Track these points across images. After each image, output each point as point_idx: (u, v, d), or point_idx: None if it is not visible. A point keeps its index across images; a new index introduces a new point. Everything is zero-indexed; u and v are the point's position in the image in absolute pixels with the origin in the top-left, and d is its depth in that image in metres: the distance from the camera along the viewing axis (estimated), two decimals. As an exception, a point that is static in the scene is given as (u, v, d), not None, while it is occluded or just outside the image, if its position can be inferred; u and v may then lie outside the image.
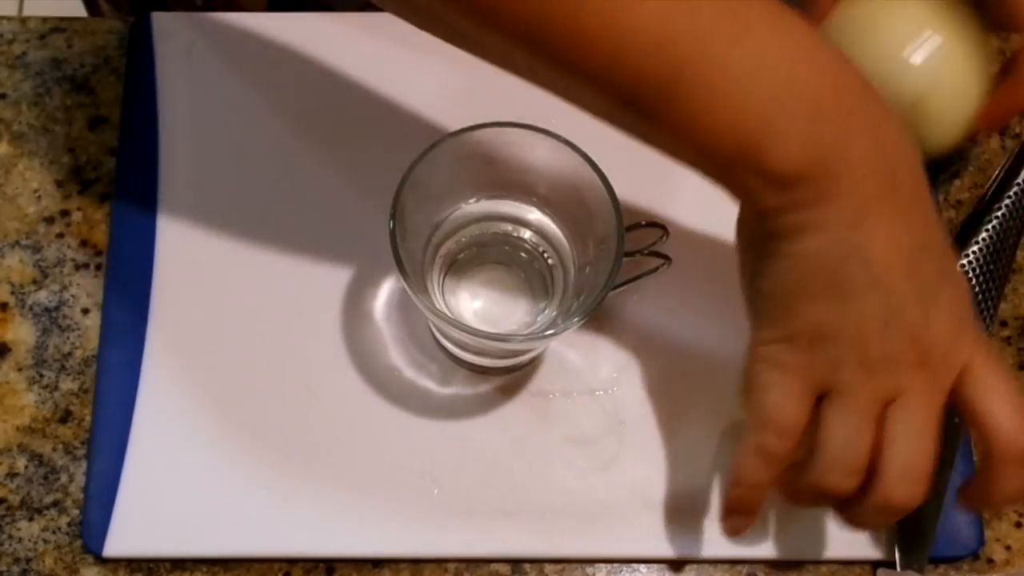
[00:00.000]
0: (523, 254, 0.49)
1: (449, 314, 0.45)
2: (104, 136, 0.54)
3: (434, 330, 0.50)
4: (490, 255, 0.49)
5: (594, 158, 0.43)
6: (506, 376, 0.50)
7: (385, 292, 0.51)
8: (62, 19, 0.57)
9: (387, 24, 0.56)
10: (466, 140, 0.43)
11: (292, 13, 0.56)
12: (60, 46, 0.56)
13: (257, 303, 0.51)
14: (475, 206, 0.47)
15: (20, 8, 1.37)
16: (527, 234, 0.48)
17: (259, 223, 0.52)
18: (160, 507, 0.48)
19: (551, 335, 0.43)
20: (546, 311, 0.48)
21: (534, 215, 0.47)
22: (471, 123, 0.43)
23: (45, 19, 0.57)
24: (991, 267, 0.52)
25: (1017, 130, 0.56)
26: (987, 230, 0.52)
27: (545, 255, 0.48)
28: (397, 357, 0.50)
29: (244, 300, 0.51)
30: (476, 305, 0.49)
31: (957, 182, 0.55)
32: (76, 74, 0.55)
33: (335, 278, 0.51)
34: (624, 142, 0.43)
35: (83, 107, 0.55)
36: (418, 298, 0.42)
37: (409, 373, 0.50)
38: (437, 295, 0.47)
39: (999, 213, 0.52)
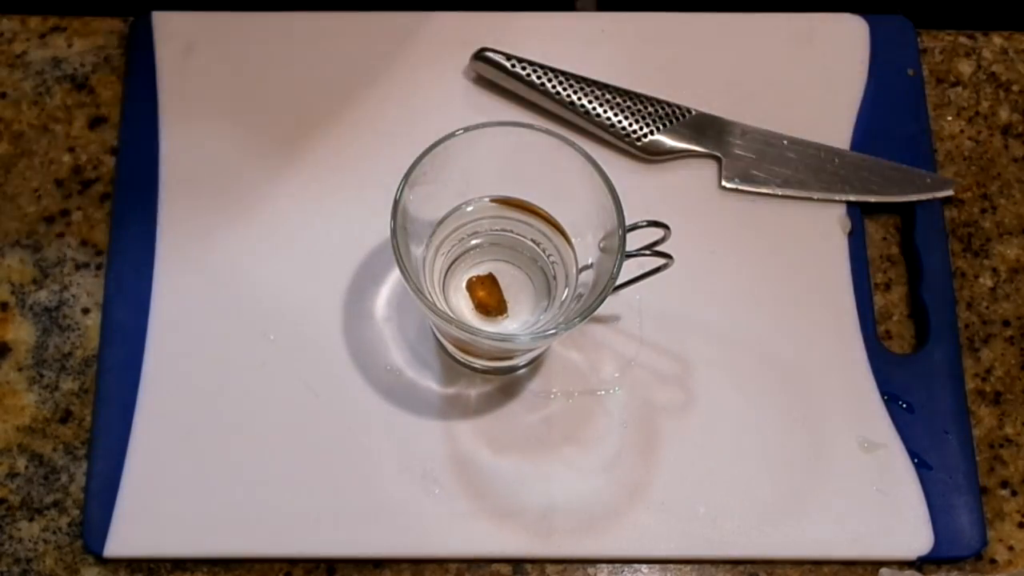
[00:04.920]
0: (524, 253, 0.49)
1: (450, 314, 0.45)
2: (104, 135, 0.54)
3: (435, 331, 0.50)
4: (491, 255, 0.49)
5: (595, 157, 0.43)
6: (507, 376, 0.50)
7: (385, 292, 0.51)
8: (62, 18, 0.57)
9: (388, 23, 0.56)
10: (467, 140, 0.43)
11: (292, 12, 0.56)
12: (60, 45, 0.56)
13: (257, 302, 0.51)
14: (476, 205, 0.47)
15: (21, 7, 1.36)
16: (529, 233, 0.48)
17: (259, 223, 0.52)
18: (160, 507, 0.48)
19: (552, 335, 0.43)
20: (547, 311, 0.48)
21: (535, 214, 0.47)
22: (472, 123, 0.43)
23: (45, 18, 0.56)
24: None
25: (1020, 129, 0.56)
26: None
27: (547, 254, 0.48)
28: (397, 357, 0.50)
29: (244, 299, 0.51)
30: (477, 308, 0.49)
31: (960, 181, 0.55)
32: (76, 73, 0.55)
33: (336, 278, 0.51)
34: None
35: (83, 106, 0.55)
36: (419, 298, 0.42)
37: (410, 373, 0.50)
38: (438, 295, 0.47)
39: None
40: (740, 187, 0.53)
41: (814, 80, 0.56)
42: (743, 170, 0.53)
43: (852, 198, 0.53)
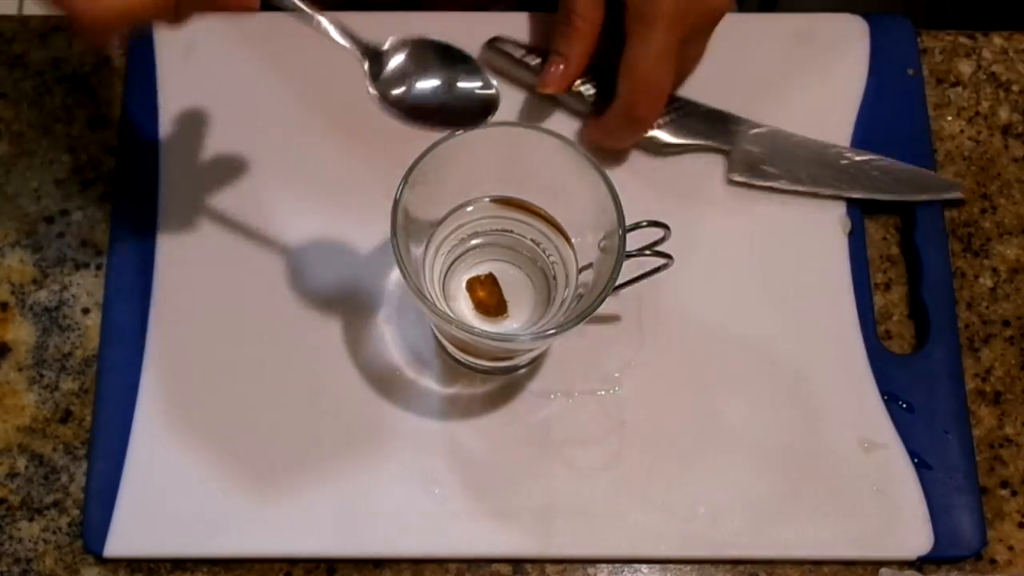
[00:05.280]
0: (525, 254, 0.49)
1: (450, 314, 0.45)
2: (104, 136, 0.54)
3: (435, 331, 0.50)
4: (491, 255, 0.49)
5: (595, 158, 0.43)
6: (507, 376, 0.50)
7: (385, 292, 0.51)
8: (62, 18, 0.56)
9: (388, 24, 0.56)
10: (467, 139, 0.43)
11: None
12: (60, 45, 0.56)
13: (257, 303, 0.51)
14: (476, 205, 0.47)
15: (20, 7, 1.36)
16: (529, 233, 0.48)
17: (259, 222, 0.52)
18: (160, 507, 0.48)
19: (552, 335, 0.43)
20: (548, 311, 0.48)
21: (535, 214, 0.47)
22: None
23: (46, 18, 0.56)
24: None
25: (1020, 129, 0.56)
26: None
27: (547, 254, 0.48)
28: (398, 357, 0.50)
29: (244, 300, 0.51)
30: (477, 309, 0.49)
31: (960, 181, 0.55)
32: (76, 73, 0.55)
33: (336, 278, 0.51)
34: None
35: (83, 106, 0.55)
36: (419, 298, 0.42)
37: (410, 373, 0.50)
38: (438, 295, 0.47)
39: None
40: (749, 181, 0.53)
41: (814, 80, 0.56)
42: (751, 164, 0.53)
43: (859, 195, 0.53)
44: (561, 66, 0.51)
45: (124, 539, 0.47)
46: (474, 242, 0.49)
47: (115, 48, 0.41)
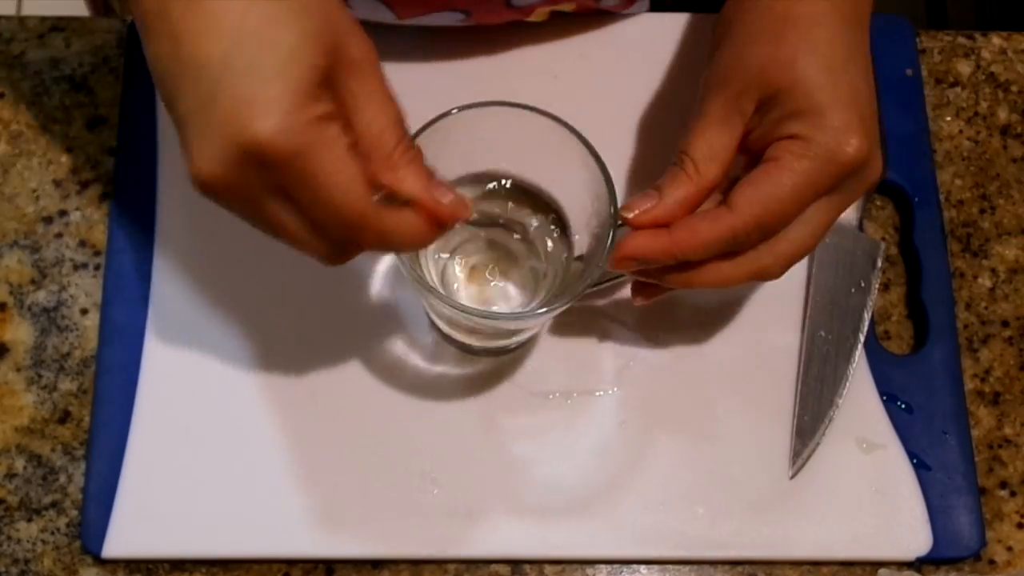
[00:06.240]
0: (519, 237, 0.49)
1: (441, 291, 0.44)
2: (103, 136, 0.54)
3: (427, 310, 0.50)
4: (486, 236, 0.49)
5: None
6: (506, 377, 0.50)
7: (384, 293, 0.51)
8: (61, 19, 0.56)
9: (388, 21, 0.56)
10: (463, 119, 0.43)
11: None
12: (59, 46, 0.56)
13: (255, 303, 0.51)
14: (471, 186, 0.47)
15: (19, 8, 1.36)
16: (523, 215, 0.48)
17: (258, 223, 0.52)
18: (159, 508, 0.48)
19: (540, 314, 0.42)
20: (539, 291, 0.48)
21: (530, 196, 0.47)
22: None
23: (44, 19, 0.56)
24: None
25: (1019, 129, 0.56)
26: None
27: (542, 237, 0.48)
28: (396, 359, 0.50)
29: (242, 299, 0.51)
30: (470, 289, 0.49)
31: (959, 182, 0.55)
32: (75, 74, 0.55)
33: (333, 277, 0.51)
34: (622, 138, 0.43)
35: (82, 107, 0.55)
36: (410, 273, 0.42)
37: (409, 375, 0.50)
38: (431, 275, 0.47)
39: None
40: None
41: (813, 80, 0.56)
42: None
43: None
44: (650, 204, 0.42)
45: (122, 539, 0.47)
46: (469, 224, 0.48)
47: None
